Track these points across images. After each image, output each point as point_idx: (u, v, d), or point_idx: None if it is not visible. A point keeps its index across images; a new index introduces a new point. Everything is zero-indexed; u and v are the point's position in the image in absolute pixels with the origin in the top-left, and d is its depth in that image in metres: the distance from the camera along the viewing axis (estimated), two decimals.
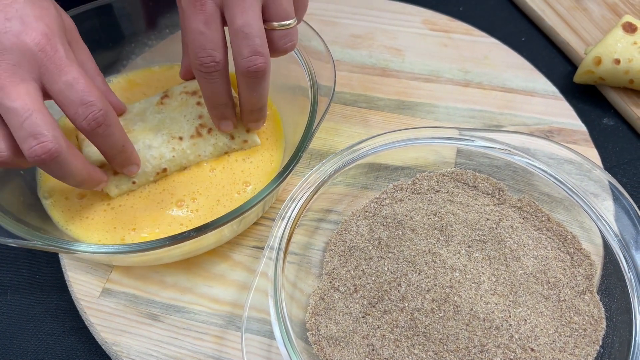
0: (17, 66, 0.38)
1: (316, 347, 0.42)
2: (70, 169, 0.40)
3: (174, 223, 0.47)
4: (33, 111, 0.37)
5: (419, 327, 0.42)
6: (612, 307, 0.44)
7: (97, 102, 0.40)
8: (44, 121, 0.38)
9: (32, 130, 0.37)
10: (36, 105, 0.38)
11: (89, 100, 0.39)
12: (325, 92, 0.49)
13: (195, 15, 0.41)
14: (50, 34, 0.39)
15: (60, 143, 0.39)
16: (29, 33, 0.38)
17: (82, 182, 0.43)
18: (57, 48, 0.39)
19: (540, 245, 0.46)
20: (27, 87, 0.38)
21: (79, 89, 0.39)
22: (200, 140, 0.49)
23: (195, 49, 0.42)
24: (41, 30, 0.39)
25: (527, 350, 0.41)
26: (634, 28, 0.59)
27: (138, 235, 0.46)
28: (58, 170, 0.40)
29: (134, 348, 0.45)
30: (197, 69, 0.43)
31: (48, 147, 0.38)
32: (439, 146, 0.52)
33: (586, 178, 0.49)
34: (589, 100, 0.63)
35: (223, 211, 0.48)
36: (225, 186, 0.49)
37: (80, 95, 0.39)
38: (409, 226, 0.47)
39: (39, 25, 0.39)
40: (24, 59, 0.38)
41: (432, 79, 0.62)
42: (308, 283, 0.47)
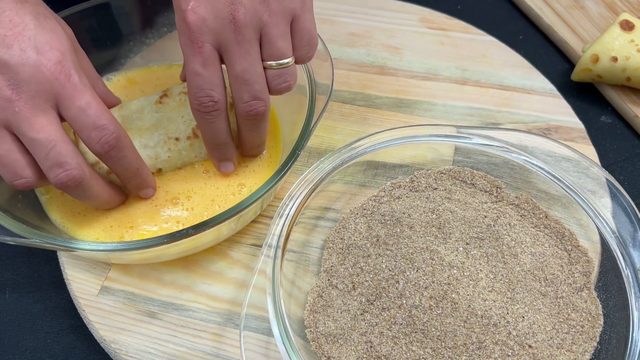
0: (37, 97, 0.39)
1: (314, 344, 0.42)
2: (93, 192, 0.43)
3: (171, 220, 0.47)
4: (57, 142, 0.39)
5: (417, 324, 0.42)
6: (609, 303, 0.44)
7: (109, 125, 0.41)
8: (67, 150, 0.40)
9: (57, 160, 0.40)
10: (58, 135, 0.40)
11: (101, 124, 0.41)
12: (323, 90, 0.49)
13: (193, 56, 0.41)
14: (63, 60, 0.40)
15: (83, 170, 0.41)
16: (45, 63, 0.39)
17: (104, 203, 0.46)
18: (70, 74, 0.40)
19: (538, 243, 0.47)
20: (48, 118, 0.39)
21: (91, 113, 0.40)
22: (196, 141, 0.49)
23: (193, 89, 0.42)
24: (55, 58, 0.39)
25: (525, 346, 0.41)
26: (631, 26, 0.59)
27: (136, 233, 0.47)
28: (81, 193, 0.43)
29: (132, 346, 0.45)
30: (195, 109, 0.44)
31: (73, 174, 0.40)
32: (436, 144, 0.52)
33: (584, 175, 0.49)
34: (587, 98, 0.63)
35: (218, 210, 0.48)
36: (219, 187, 0.49)
37: (93, 119, 0.41)
38: (407, 224, 0.47)
39: (52, 53, 0.39)
40: (42, 89, 0.39)
41: (430, 77, 0.62)
42: (306, 280, 0.47)
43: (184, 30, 0.41)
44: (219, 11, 0.40)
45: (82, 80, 0.41)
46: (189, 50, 0.42)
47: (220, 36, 0.41)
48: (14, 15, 0.39)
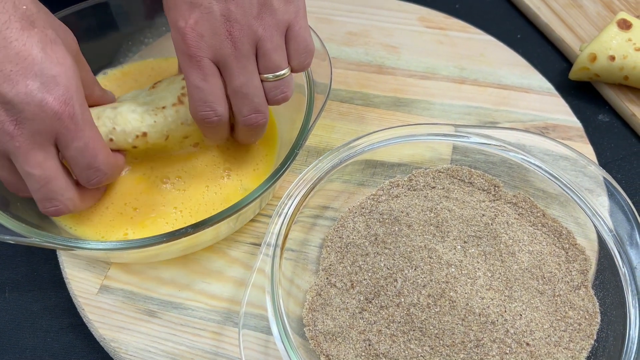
0: (37, 134, 0.39)
1: (313, 342, 0.43)
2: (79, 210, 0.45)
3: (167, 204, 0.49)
4: (50, 179, 0.41)
5: (415, 322, 0.42)
6: (606, 301, 0.44)
7: (102, 167, 0.43)
8: (58, 187, 0.41)
9: (47, 195, 0.41)
10: (52, 172, 0.41)
11: (95, 166, 0.43)
12: (322, 89, 0.50)
13: (192, 70, 0.42)
14: (68, 98, 0.39)
15: (73, 203, 0.43)
16: (50, 103, 0.39)
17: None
18: (73, 113, 0.40)
19: (536, 241, 0.47)
20: (45, 154, 0.40)
21: (87, 154, 0.42)
22: (182, 107, 0.48)
23: (196, 102, 0.43)
24: (60, 96, 0.39)
25: (523, 344, 0.41)
26: (628, 25, 0.60)
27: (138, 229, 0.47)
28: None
29: (132, 344, 0.45)
30: (199, 122, 0.45)
31: (61, 210, 0.42)
32: (434, 143, 0.52)
33: (581, 174, 0.49)
34: (584, 97, 0.63)
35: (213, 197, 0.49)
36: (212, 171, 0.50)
37: (88, 161, 0.42)
38: (405, 222, 0.47)
39: (58, 90, 0.39)
40: (43, 127, 0.39)
41: (428, 76, 0.62)
42: (305, 279, 0.47)
43: (182, 47, 0.42)
44: (216, 28, 0.41)
45: (84, 118, 0.41)
46: (187, 65, 0.42)
47: (218, 52, 0.42)
48: (21, 47, 0.38)
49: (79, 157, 0.42)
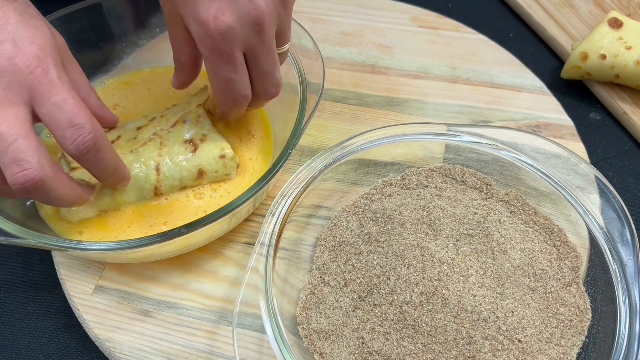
0: (8, 89, 0.37)
1: (307, 340, 0.43)
2: (57, 195, 0.39)
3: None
4: (18, 136, 0.36)
5: (407, 320, 0.42)
6: (597, 298, 0.44)
7: (85, 124, 0.38)
8: (29, 147, 0.36)
9: (15, 156, 0.36)
10: (22, 130, 0.37)
11: (77, 123, 0.38)
12: (315, 89, 0.50)
13: (224, 64, 0.42)
14: (42, 55, 0.38)
15: (44, 170, 0.37)
16: (21, 56, 0.38)
17: (71, 205, 0.43)
18: (48, 69, 0.38)
19: (527, 239, 0.47)
20: (15, 111, 0.37)
21: (67, 110, 0.38)
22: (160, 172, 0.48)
23: (230, 93, 0.44)
24: (33, 52, 0.38)
25: (515, 341, 0.42)
26: (619, 23, 0.60)
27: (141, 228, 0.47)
28: (44, 197, 0.39)
29: (126, 344, 0.45)
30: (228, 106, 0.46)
31: (31, 175, 0.36)
32: (427, 142, 0.52)
33: (573, 172, 0.49)
34: (576, 95, 0.63)
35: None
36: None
37: (69, 116, 0.38)
38: (398, 221, 0.47)
39: (31, 47, 0.38)
40: (15, 82, 0.37)
41: (420, 75, 0.63)
42: (299, 278, 0.47)
43: (208, 43, 0.40)
44: (243, 15, 0.40)
45: (60, 77, 0.38)
46: (217, 59, 0.41)
47: (248, 40, 0.41)
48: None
49: (57, 112, 0.38)
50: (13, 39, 0.38)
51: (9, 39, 0.38)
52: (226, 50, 0.40)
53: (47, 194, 0.39)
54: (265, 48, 0.42)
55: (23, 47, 0.38)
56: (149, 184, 0.48)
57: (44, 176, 0.37)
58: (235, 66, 0.42)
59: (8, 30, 0.38)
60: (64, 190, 0.40)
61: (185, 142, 0.48)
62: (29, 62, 0.38)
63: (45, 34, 0.40)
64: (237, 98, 0.45)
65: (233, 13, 0.39)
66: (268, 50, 0.43)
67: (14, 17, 0.39)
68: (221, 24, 0.39)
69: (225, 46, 0.40)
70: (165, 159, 0.48)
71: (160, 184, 0.48)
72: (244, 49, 0.42)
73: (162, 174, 0.48)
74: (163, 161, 0.48)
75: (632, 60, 0.58)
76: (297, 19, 0.52)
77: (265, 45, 0.42)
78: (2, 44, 0.38)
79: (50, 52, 0.39)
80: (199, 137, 0.49)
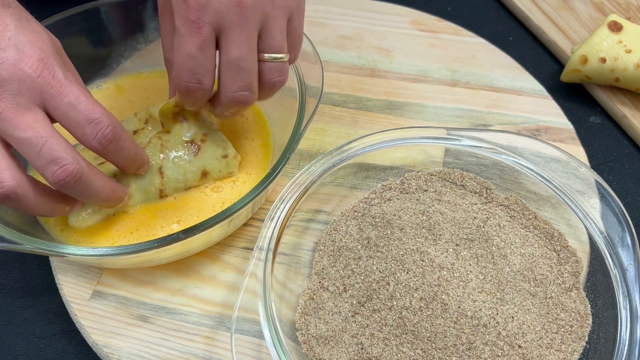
0: (19, 95, 0.37)
1: (305, 346, 0.43)
2: (95, 187, 0.41)
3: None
4: (47, 138, 0.37)
5: (407, 326, 0.42)
6: (597, 303, 0.44)
7: (103, 118, 0.39)
8: (60, 145, 0.38)
9: (50, 156, 0.38)
10: (48, 131, 0.38)
11: (95, 118, 0.39)
12: (314, 92, 0.50)
13: (190, 37, 0.39)
14: (46, 57, 0.38)
15: (81, 164, 0.39)
16: (26, 60, 0.38)
17: (107, 200, 0.43)
18: (54, 71, 0.38)
19: (527, 243, 0.47)
20: (34, 115, 0.38)
21: (82, 108, 0.39)
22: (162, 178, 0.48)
23: (184, 71, 0.41)
24: (37, 55, 0.38)
25: (515, 347, 0.41)
26: (619, 27, 0.60)
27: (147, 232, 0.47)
28: (83, 190, 0.40)
29: (124, 350, 0.45)
30: (181, 91, 0.42)
31: (70, 169, 0.38)
32: (427, 146, 0.52)
33: (572, 176, 0.49)
34: (576, 99, 0.63)
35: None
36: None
37: (85, 114, 0.39)
38: (398, 225, 0.47)
39: (34, 51, 0.38)
40: (25, 87, 0.37)
41: (420, 79, 0.62)
42: (297, 283, 0.47)
43: (182, 10, 0.39)
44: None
45: (67, 76, 0.39)
46: (186, 30, 0.39)
47: (224, 19, 0.39)
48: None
49: (73, 112, 0.38)
50: (15, 44, 0.38)
51: (10, 45, 0.38)
52: (196, 20, 0.39)
53: (86, 186, 0.40)
54: (241, 34, 0.40)
55: (26, 51, 0.38)
56: (153, 187, 0.47)
57: (81, 169, 0.39)
58: (201, 41, 0.39)
59: (8, 36, 0.38)
60: (100, 182, 0.41)
61: (186, 143, 0.48)
62: (35, 65, 0.38)
63: (44, 37, 0.40)
64: (192, 83, 0.41)
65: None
66: (244, 38, 0.40)
67: (12, 23, 0.39)
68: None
69: (196, 16, 0.39)
70: (168, 162, 0.48)
71: (164, 186, 0.48)
72: (217, 28, 0.40)
73: (166, 177, 0.48)
74: (166, 164, 0.48)
75: (632, 63, 0.58)
76: None
77: (241, 31, 0.40)
78: (5, 50, 0.38)
79: (52, 54, 0.39)
80: (200, 138, 0.48)
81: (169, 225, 0.47)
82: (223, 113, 0.46)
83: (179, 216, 0.48)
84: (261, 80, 0.43)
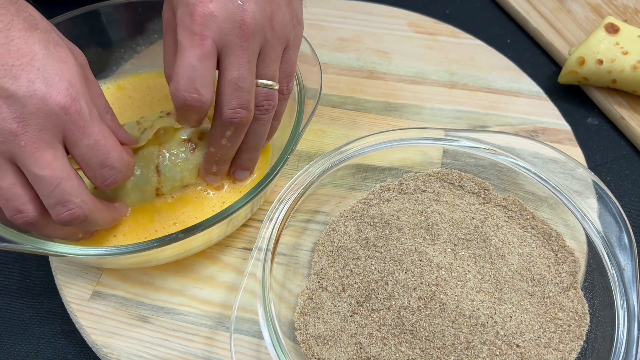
0: (44, 131, 0.37)
1: (304, 346, 0.43)
2: (97, 223, 0.43)
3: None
4: (62, 180, 0.38)
5: (405, 325, 0.42)
6: (595, 302, 0.44)
7: (115, 164, 0.41)
8: (72, 187, 0.39)
9: (60, 198, 0.38)
10: (64, 172, 0.38)
11: (108, 164, 0.41)
12: (313, 94, 0.50)
13: (192, 48, 0.40)
14: (73, 92, 0.38)
15: (87, 207, 0.40)
16: (54, 96, 0.37)
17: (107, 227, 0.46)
18: (81, 108, 0.38)
19: (525, 243, 0.47)
20: (54, 153, 0.38)
21: (99, 152, 0.40)
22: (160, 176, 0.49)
23: (183, 80, 0.40)
24: (65, 90, 0.38)
25: (513, 346, 0.42)
26: (616, 29, 0.60)
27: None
28: (85, 226, 0.43)
29: (124, 350, 0.45)
30: (179, 103, 0.41)
31: (76, 214, 0.39)
32: (425, 147, 0.52)
33: (570, 177, 0.49)
34: (573, 100, 0.64)
35: None
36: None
37: (101, 159, 0.40)
38: (396, 226, 0.47)
39: (62, 85, 0.38)
40: (49, 123, 0.37)
41: (418, 80, 0.63)
42: (296, 283, 0.47)
43: (187, 23, 0.39)
44: (230, 12, 0.40)
45: (91, 114, 0.39)
46: (188, 41, 0.39)
47: (226, 37, 0.40)
48: (23, 44, 0.37)
49: (90, 155, 0.39)
50: (44, 77, 0.37)
51: (39, 78, 0.37)
52: (199, 33, 0.39)
53: (88, 224, 0.42)
54: (242, 55, 0.41)
55: (54, 85, 0.37)
56: (150, 186, 0.48)
57: (87, 212, 0.40)
58: (202, 52, 0.39)
59: (37, 67, 0.37)
60: (103, 218, 0.43)
61: (183, 142, 0.48)
62: (63, 102, 0.37)
63: (72, 66, 0.39)
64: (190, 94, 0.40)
65: (220, 4, 0.39)
66: (245, 60, 0.41)
67: (40, 51, 0.38)
68: (205, 8, 0.39)
69: (200, 29, 0.39)
70: (165, 160, 0.48)
71: (161, 185, 0.48)
72: (220, 46, 0.40)
73: (162, 175, 0.48)
74: (163, 162, 0.48)
75: (629, 65, 0.58)
76: None
77: (243, 52, 0.41)
78: (33, 83, 0.37)
79: (80, 87, 0.39)
80: (197, 136, 0.49)
81: (167, 225, 0.48)
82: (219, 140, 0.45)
83: (176, 217, 0.48)
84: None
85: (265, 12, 0.41)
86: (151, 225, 0.48)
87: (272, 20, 0.42)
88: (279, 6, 0.42)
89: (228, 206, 0.43)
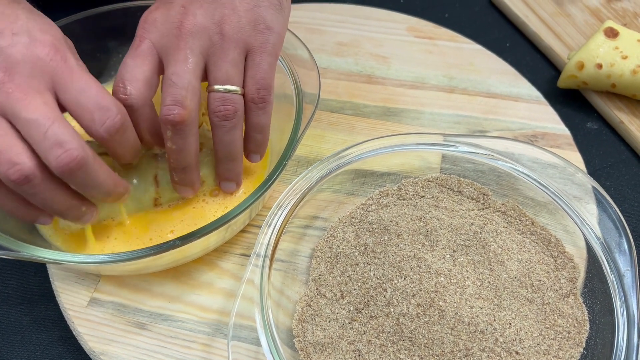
0: (31, 77, 0.37)
1: (303, 353, 0.42)
2: (98, 178, 0.40)
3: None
4: (54, 120, 0.37)
5: (404, 332, 0.42)
6: (595, 309, 0.44)
7: (112, 106, 0.39)
8: (66, 129, 0.37)
9: (56, 139, 0.36)
10: (56, 114, 0.37)
11: (104, 105, 0.39)
12: (311, 99, 0.50)
13: (130, 49, 0.43)
14: (58, 44, 0.39)
15: (86, 150, 0.38)
16: (38, 45, 0.38)
17: (109, 193, 0.42)
18: (66, 56, 0.39)
19: (524, 249, 0.47)
20: (43, 98, 0.37)
21: (92, 93, 0.38)
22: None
23: (116, 78, 0.42)
24: (49, 41, 0.39)
25: (512, 353, 0.41)
26: (615, 33, 0.60)
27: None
28: (86, 179, 0.39)
29: (121, 357, 0.45)
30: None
31: (75, 154, 0.37)
32: (424, 152, 0.52)
33: (569, 182, 0.49)
34: (573, 105, 0.63)
35: None
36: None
37: (95, 100, 0.38)
38: (395, 232, 0.47)
39: (46, 37, 0.39)
40: (37, 70, 0.38)
41: (417, 85, 0.63)
42: (295, 290, 0.47)
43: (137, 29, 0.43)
44: (170, 16, 0.42)
45: (78, 63, 0.40)
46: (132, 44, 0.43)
47: (165, 39, 0.42)
48: (5, 8, 0.39)
49: (83, 97, 0.38)
50: (27, 30, 0.39)
51: (23, 31, 0.39)
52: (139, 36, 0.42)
53: (89, 176, 0.39)
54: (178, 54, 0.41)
55: (38, 37, 0.39)
56: (148, 196, 0.47)
57: (86, 156, 0.38)
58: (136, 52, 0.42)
59: (20, 24, 0.39)
60: (103, 173, 0.40)
61: None
62: (47, 50, 0.38)
63: (55, 28, 0.41)
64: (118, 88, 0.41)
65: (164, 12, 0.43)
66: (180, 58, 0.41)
67: (23, 14, 0.40)
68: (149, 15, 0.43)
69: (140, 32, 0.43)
70: (164, 171, 0.48)
71: (159, 195, 0.48)
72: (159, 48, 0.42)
73: (160, 186, 0.48)
74: (161, 173, 0.48)
75: (628, 69, 0.58)
76: (294, 30, 0.52)
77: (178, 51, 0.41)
78: (17, 35, 0.38)
79: (64, 42, 0.40)
80: None
81: (164, 233, 0.47)
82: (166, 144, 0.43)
83: (173, 225, 0.48)
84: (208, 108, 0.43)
85: (212, 16, 0.42)
86: (146, 235, 0.47)
87: (222, 24, 0.42)
88: (234, 11, 0.43)
89: (226, 212, 0.43)
